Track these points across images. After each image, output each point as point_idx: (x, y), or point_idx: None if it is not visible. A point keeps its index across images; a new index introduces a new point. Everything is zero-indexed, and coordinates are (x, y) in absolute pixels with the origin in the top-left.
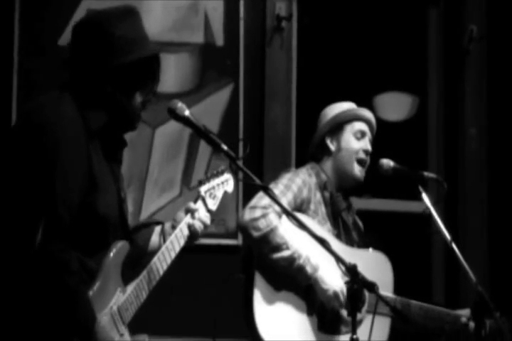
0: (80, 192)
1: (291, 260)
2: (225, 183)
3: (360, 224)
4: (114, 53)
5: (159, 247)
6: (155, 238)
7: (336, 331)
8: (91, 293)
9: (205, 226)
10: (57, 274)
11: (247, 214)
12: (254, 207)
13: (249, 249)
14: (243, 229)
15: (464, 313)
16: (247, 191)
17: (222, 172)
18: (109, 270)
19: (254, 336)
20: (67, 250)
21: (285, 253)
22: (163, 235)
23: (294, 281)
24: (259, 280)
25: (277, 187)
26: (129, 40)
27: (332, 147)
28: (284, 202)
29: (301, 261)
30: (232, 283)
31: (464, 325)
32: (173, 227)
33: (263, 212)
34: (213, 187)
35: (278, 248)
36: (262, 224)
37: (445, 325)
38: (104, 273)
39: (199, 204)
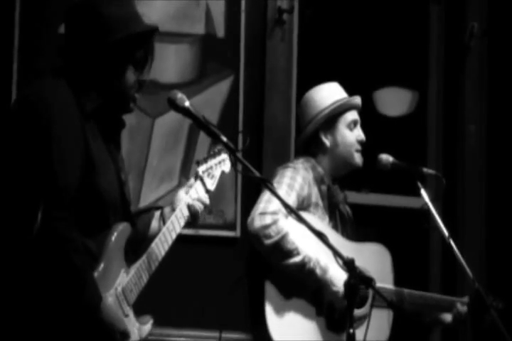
0: (78, 171)
1: (302, 264)
2: (222, 163)
3: (349, 209)
4: (104, 32)
5: (159, 231)
6: (155, 223)
7: (345, 329)
8: (96, 273)
9: (205, 206)
10: (64, 253)
11: (258, 221)
12: (264, 214)
13: (253, 254)
14: (254, 237)
15: (457, 299)
16: (245, 183)
17: (219, 153)
18: (112, 252)
19: None
20: (72, 227)
21: (296, 259)
22: (163, 219)
23: (303, 285)
24: (269, 290)
25: (281, 188)
26: (118, 19)
27: (328, 143)
28: (289, 202)
29: (311, 265)
30: (237, 283)
31: (459, 310)
32: (173, 210)
33: (273, 218)
34: (211, 167)
35: (289, 254)
36: (273, 231)
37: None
38: (108, 255)
39: (198, 184)
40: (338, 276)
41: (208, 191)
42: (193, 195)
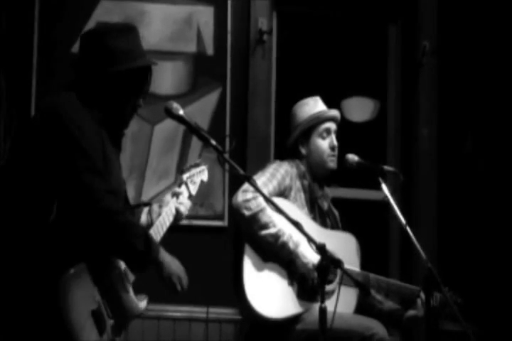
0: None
1: (277, 236)
2: (201, 173)
3: (336, 211)
4: (111, 62)
5: (148, 223)
6: (143, 217)
7: (314, 299)
8: None
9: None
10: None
11: (240, 196)
12: (246, 191)
13: (239, 228)
14: (236, 208)
15: (416, 288)
16: (232, 180)
17: (199, 164)
18: None
19: (242, 300)
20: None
21: (271, 231)
22: (150, 214)
23: (278, 256)
24: (248, 251)
25: (264, 175)
26: (125, 52)
27: (303, 151)
28: (270, 187)
29: (284, 238)
30: (224, 258)
31: (417, 297)
32: (161, 207)
33: (254, 195)
34: (193, 175)
35: (266, 226)
36: (252, 204)
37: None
38: None
39: (183, 188)
40: (308, 250)
41: (190, 196)
42: (181, 199)
